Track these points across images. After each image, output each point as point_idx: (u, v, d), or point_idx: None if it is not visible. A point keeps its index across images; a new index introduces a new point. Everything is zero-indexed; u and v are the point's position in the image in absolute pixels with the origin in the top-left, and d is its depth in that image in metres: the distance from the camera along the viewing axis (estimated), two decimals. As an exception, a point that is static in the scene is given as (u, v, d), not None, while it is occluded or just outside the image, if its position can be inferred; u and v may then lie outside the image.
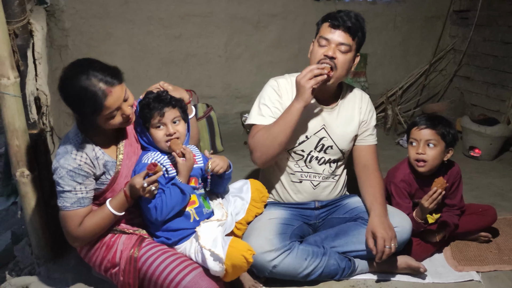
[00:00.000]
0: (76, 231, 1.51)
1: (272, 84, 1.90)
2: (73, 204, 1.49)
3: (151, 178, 1.48)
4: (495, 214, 2.03)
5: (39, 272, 1.88)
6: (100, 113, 1.43)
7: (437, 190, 1.79)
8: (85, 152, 1.51)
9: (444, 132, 1.87)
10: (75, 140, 1.52)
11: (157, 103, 1.57)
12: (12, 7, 1.69)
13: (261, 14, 3.67)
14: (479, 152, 3.17)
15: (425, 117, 1.93)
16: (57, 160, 1.49)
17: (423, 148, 1.87)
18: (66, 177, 1.47)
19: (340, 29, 1.72)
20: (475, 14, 3.80)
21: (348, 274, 1.81)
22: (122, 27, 3.37)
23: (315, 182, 1.92)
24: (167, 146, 1.61)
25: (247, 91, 3.77)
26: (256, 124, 1.85)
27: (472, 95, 3.99)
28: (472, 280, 1.81)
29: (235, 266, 1.50)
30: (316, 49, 1.77)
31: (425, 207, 1.81)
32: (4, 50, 1.63)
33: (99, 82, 1.40)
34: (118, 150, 1.61)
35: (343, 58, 1.74)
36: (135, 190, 1.50)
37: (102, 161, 1.55)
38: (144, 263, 1.55)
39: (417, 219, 1.86)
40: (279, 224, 1.81)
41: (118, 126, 1.54)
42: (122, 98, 1.47)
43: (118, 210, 1.54)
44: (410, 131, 1.95)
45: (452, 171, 1.98)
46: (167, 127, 1.59)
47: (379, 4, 4.01)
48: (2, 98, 1.66)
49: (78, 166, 1.48)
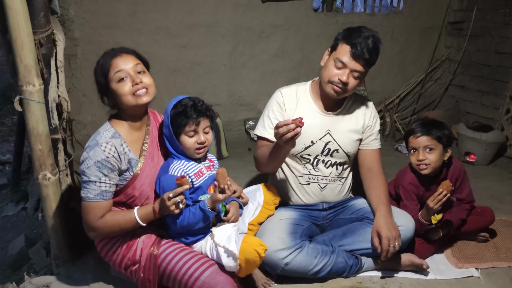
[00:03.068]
0: (96, 222, 1.59)
1: (277, 96, 2.01)
2: (96, 196, 1.57)
3: (177, 190, 1.55)
4: (493, 214, 2.13)
5: (59, 272, 1.95)
6: (108, 71, 1.59)
7: (443, 192, 1.88)
8: (114, 145, 1.59)
9: (440, 135, 1.98)
10: (105, 134, 1.61)
11: (194, 113, 1.65)
12: (38, 18, 1.79)
13: (265, 25, 3.80)
14: (474, 157, 3.30)
15: (419, 125, 2.03)
16: (87, 151, 1.58)
17: (423, 154, 1.98)
18: (93, 167, 1.55)
19: (358, 61, 1.81)
20: (469, 25, 3.97)
21: (356, 271, 1.90)
22: (130, 36, 3.46)
23: (322, 184, 2.02)
24: (196, 153, 1.70)
25: (251, 99, 3.88)
26: (260, 137, 2.00)
27: (466, 103, 4.13)
28: (472, 276, 1.91)
29: (249, 261, 1.57)
30: (331, 67, 1.85)
31: (431, 207, 1.89)
32: (31, 59, 1.71)
33: (114, 51, 1.66)
34: (142, 149, 1.70)
35: (354, 82, 1.86)
36: (163, 204, 1.56)
37: (128, 157, 1.64)
38: (164, 260, 1.63)
39: (422, 220, 1.94)
40: (290, 224, 1.90)
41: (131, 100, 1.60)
42: (131, 65, 1.61)
43: (143, 220, 1.61)
44: (408, 140, 2.05)
45: (454, 168, 2.08)
46: (199, 135, 1.68)
47: (377, 16, 4.16)
48: (27, 104, 1.75)
49: (106, 158, 1.56)
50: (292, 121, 1.59)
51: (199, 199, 1.71)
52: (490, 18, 3.81)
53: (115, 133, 1.63)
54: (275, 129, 1.64)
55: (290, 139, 1.61)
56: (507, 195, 2.77)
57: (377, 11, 4.26)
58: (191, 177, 1.69)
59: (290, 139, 1.61)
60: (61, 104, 1.94)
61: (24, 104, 1.74)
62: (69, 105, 1.99)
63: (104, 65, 1.61)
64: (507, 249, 2.10)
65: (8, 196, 3.33)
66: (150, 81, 1.66)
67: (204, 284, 1.55)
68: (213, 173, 1.79)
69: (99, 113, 3.28)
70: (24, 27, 1.65)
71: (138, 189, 1.67)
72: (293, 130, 1.59)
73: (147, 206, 1.64)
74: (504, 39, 3.67)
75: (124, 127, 1.67)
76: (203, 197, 1.72)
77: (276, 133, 1.63)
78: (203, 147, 1.72)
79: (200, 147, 1.70)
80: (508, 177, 3.08)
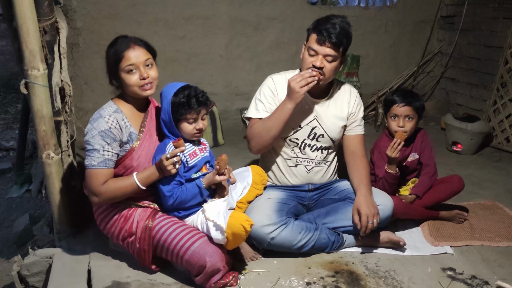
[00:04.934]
0: (99, 188, 1.72)
1: (268, 82, 2.13)
2: (100, 164, 1.71)
3: (174, 151, 1.70)
4: (460, 179, 2.27)
5: (61, 245, 2.09)
6: (120, 60, 1.72)
7: (397, 141, 2.12)
8: (116, 118, 1.74)
9: (418, 106, 2.21)
10: (108, 109, 1.77)
11: (196, 104, 1.77)
12: (42, 6, 1.91)
13: (261, 17, 3.91)
14: (461, 147, 3.42)
15: (401, 95, 2.23)
16: (91, 123, 1.73)
17: (403, 122, 2.20)
18: (97, 137, 1.70)
19: (325, 45, 1.92)
20: (461, 20, 4.08)
21: (337, 247, 2.04)
22: (130, 27, 3.57)
23: (308, 167, 2.15)
24: (194, 137, 1.84)
25: (247, 89, 4.00)
26: (252, 118, 2.09)
27: (457, 95, 4.25)
28: (446, 253, 2.05)
29: (235, 234, 1.70)
30: (306, 57, 1.99)
31: (389, 156, 2.13)
32: (36, 45, 1.84)
33: (128, 41, 1.77)
34: (141, 126, 1.85)
35: (330, 66, 1.96)
36: (161, 164, 1.71)
37: (129, 131, 1.78)
38: (158, 232, 1.76)
39: (388, 169, 2.17)
40: (277, 203, 2.04)
41: (137, 91, 1.76)
42: (142, 59, 1.75)
43: (142, 183, 1.75)
44: (390, 107, 2.24)
45: (420, 134, 2.35)
46: (198, 123, 1.81)
47: (371, 9, 4.26)
48: (32, 87, 1.87)
49: (109, 128, 1.71)
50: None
51: (192, 177, 1.85)
52: (480, 12, 3.91)
53: (117, 109, 1.78)
54: (296, 77, 1.88)
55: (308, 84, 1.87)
56: (487, 181, 2.90)
57: (371, 5, 4.36)
58: (186, 157, 1.82)
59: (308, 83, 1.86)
60: (64, 88, 2.06)
61: (29, 87, 1.87)
62: (71, 89, 2.11)
63: (117, 55, 1.74)
64: (481, 229, 2.23)
65: (12, 179, 3.47)
66: (156, 74, 1.81)
67: (194, 253, 1.69)
68: (205, 154, 1.92)
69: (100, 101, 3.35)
70: (29, 15, 1.77)
71: (135, 160, 1.80)
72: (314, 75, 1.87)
73: (145, 169, 1.78)
74: (493, 33, 3.78)
75: (126, 106, 1.83)
76: (196, 175, 1.85)
77: (298, 81, 1.87)
78: (201, 132, 1.85)
79: (198, 132, 1.83)
80: (491, 166, 3.20)
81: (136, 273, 1.85)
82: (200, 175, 1.87)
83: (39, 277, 2.01)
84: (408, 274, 1.89)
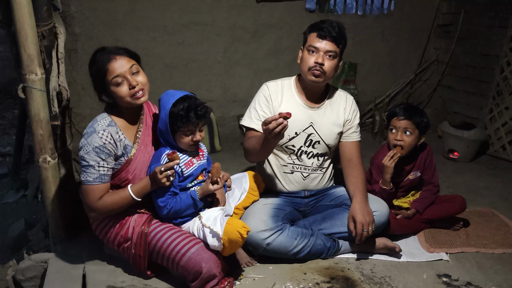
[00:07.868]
0: (96, 203, 1.72)
1: (263, 89, 2.15)
2: (95, 180, 1.70)
3: (168, 164, 1.69)
4: (463, 201, 2.28)
5: (56, 249, 2.08)
6: (105, 75, 1.68)
7: (394, 151, 2.14)
8: (110, 133, 1.72)
9: (419, 122, 2.18)
10: (102, 123, 1.74)
11: (195, 117, 1.74)
12: (41, 12, 1.92)
13: (259, 24, 3.94)
14: (457, 154, 3.43)
15: (403, 108, 2.23)
16: (85, 138, 1.71)
17: (401, 135, 2.18)
18: (91, 153, 1.68)
19: (327, 39, 1.96)
20: (457, 28, 4.11)
21: (333, 253, 2.04)
22: (128, 33, 3.60)
23: (305, 173, 2.15)
24: (190, 148, 1.83)
25: (244, 96, 4.01)
26: (249, 129, 2.10)
27: (453, 103, 4.27)
28: (441, 259, 2.05)
29: (232, 241, 1.70)
30: (306, 56, 2.01)
31: (385, 165, 2.14)
32: (34, 50, 1.84)
33: (108, 53, 1.73)
34: (136, 137, 1.83)
35: (331, 63, 1.99)
36: (155, 177, 1.70)
37: (123, 144, 1.77)
38: (153, 238, 1.76)
39: (382, 185, 2.17)
40: (273, 208, 2.04)
41: (130, 101, 1.72)
42: (127, 68, 1.70)
43: (137, 194, 1.74)
44: (390, 120, 2.24)
45: (424, 152, 2.31)
46: (195, 135, 1.80)
47: (368, 17, 4.29)
48: (30, 92, 1.87)
49: (103, 144, 1.69)
50: (279, 115, 1.69)
51: (187, 186, 1.85)
52: (476, 21, 3.95)
53: (111, 121, 1.76)
54: (264, 125, 1.72)
55: (278, 133, 1.71)
56: (483, 189, 2.91)
57: (368, 13, 4.40)
58: (181, 167, 1.82)
59: (278, 133, 1.70)
60: (61, 93, 2.07)
61: (27, 91, 1.87)
62: (69, 94, 2.12)
63: (101, 69, 1.71)
64: (477, 236, 2.24)
65: (8, 184, 3.46)
66: (145, 79, 1.77)
67: (190, 259, 1.69)
68: (202, 162, 1.92)
69: (97, 106, 3.37)
70: (28, 20, 1.78)
71: (131, 173, 1.80)
72: (281, 124, 1.68)
73: (140, 181, 1.77)
74: (489, 41, 3.82)
75: (120, 117, 1.80)
76: (191, 184, 1.85)
77: (266, 129, 1.72)
78: (197, 144, 1.85)
79: (195, 144, 1.83)
80: (487, 173, 3.22)
81: (131, 279, 1.85)
82: (196, 183, 1.86)
83: (34, 281, 2.00)
84: (404, 280, 1.89)
